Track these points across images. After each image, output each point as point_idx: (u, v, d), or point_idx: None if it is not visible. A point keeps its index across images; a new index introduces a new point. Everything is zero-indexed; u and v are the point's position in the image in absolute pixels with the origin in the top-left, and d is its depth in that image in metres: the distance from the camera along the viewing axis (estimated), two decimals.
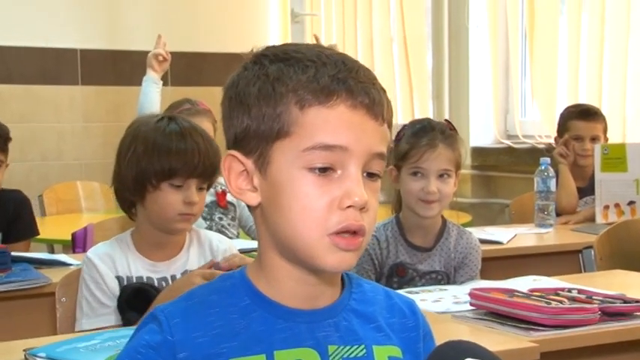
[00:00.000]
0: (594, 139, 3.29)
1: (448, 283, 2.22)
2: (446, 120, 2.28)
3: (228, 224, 3.05)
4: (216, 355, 0.98)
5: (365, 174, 0.98)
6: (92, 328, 1.81)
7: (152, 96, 3.70)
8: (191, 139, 1.84)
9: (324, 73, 0.97)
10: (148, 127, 1.86)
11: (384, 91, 1.01)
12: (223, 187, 3.05)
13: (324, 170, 0.96)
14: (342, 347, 1.01)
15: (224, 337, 0.99)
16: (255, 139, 0.98)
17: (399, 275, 2.21)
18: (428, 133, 2.15)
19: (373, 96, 0.98)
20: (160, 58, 3.70)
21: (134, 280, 1.87)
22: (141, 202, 1.86)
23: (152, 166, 1.81)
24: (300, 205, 0.96)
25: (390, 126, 1.01)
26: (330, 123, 0.96)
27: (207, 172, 1.85)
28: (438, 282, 2.21)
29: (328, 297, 1.03)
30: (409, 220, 2.22)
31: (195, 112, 2.98)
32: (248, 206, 1.03)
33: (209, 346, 0.98)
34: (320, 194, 0.96)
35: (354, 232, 0.96)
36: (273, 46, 1.03)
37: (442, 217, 2.25)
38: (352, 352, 1.02)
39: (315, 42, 3.96)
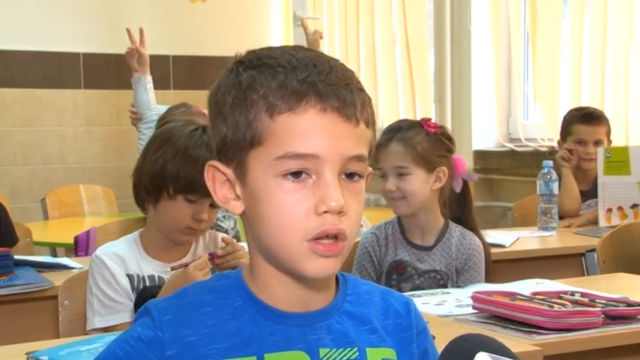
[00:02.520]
0: (597, 143, 3.28)
1: (447, 283, 2.21)
2: (422, 118, 2.26)
3: (224, 216, 3.06)
4: (205, 355, 0.98)
5: (343, 176, 0.97)
6: (105, 326, 1.82)
7: (140, 97, 3.76)
8: None
9: (293, 78, 0.96)
10: (182, 134, 1.86)
11: (362, 91, 0.99)
12: None
13: (297, 175, 0.95)
14: (334, 350, 1.01)
15: (215, 337, 0.99)
16: (233, 149, 0.98)
17: (398, 272, 2.22)
18: (385, 134, 2.19)
19: (344, 98, 0.96)
20: (135, 53, 3.75)
21: (146, 279, 1.87)
22: (154, 204, 1.88)
23: (176, 173, 1.82)
24: (277, 213, 0.96)
25: (369, 125, 0.99)
26: (299, 131, 0.95)
27: None
28: (437, 281, 2.20)
29: (321, 300, 1.03)
30: (406, 219, 2.24)
31: (190, 114, 2.99)
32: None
33: (199, 346, 0.98)
34: (296, 201, 0.95)
35: (335, 237, 0.95)
36: (252, 52, 1.02)
37: (445, 218, 2.24)
38: (345, 354, 1.01)
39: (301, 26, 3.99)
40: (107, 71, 5.07)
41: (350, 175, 0.98)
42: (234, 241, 1.91)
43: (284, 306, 1.01)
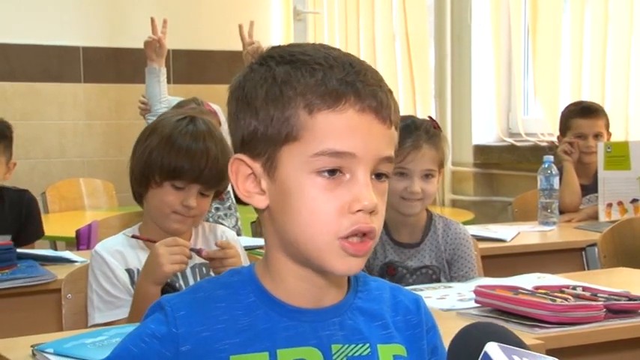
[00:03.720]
0: (597, 136, 3.30)
1: (440, 277, 2.20)
2: (430, 117, 2.26)
3: (225, 214, 3.07)
4: (218, 350, 0.98)
5: (372, 176, 0.98)
6: (106, 322, 1.82)
7: (152, 88, 3.74)
8: (204, 143, 1.84)
9: (332, 77, 0.96)
10: (168, 123, 1.88)
11: (391, 93, 1.01)
12: None
13: (332, 173, 0.96)
14: (346, 346, 1.01)
15: (227, 332, 0.99)
16: (263, 143, 0.98)
17: (390, 274, 2.19)
18: (412, 133, 2.13)
19: (381, 99, 0.97)
20: (157, 45, 3.73)
21: None
22: (145, 195, 1.89)
23: (160, 161, 1.83)
24: (310, 209, 0.96)
25: (397, 128, 1.01)
26: (338, 129, 0.95)
27: (212, 179, 1.85)
28: (430, 277, 2.19)
29: (334, 296, 1.04)
30: (394, 218, 2.19)
31: (199, 112, 3.00)
32: (255, 208, 1.03)
33: (212, 341, 0.99)
34: (329, 198, 0.96)
35: (364, 235, 0.96)
36: (279, 47, 1.02)
37: (427, 211, 2.23)
38: (356, 351, 1.02)
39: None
40: (107, 65, 5.06)
41: (378, 176, 0.99)
42: (230, 245, 1.86)
43: (297, 302, 1.01)
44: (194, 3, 5.24)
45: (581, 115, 3.34)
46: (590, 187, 3.30)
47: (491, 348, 0.86)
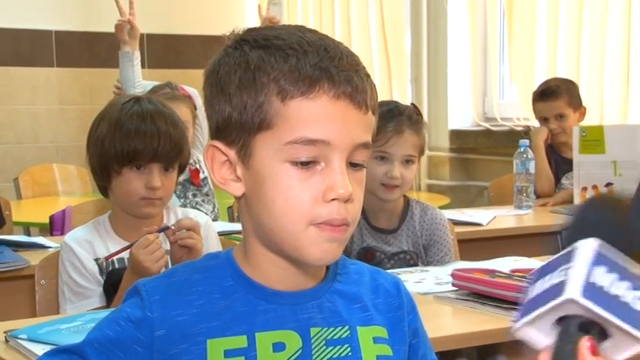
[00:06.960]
0: (560, 117, 3.33)
1: (417, 262, 2.20)
2: (412, 104, 2.26)
3: (203, 200, 3.06)
4: (195, 334, 0.97)
5: (349, 164, 0.97)
6: (77, 313, 1.80)
7: (126, 72, 3.69)
8: (151, 122, 1.82)
9: (306, 62, 0.94)
10: (114, 108, 1.86)
11: (369, 77, 0.99)
12: (195, 165, 3.06)
13: (306, 164, 0.95)
14: (325, 329, 1.01)
15: (204, 316, 0.98)
16: (237, 130, 0.97)
17: (368, 259, 2.19)
18: (395, 118, 2.12)
19: (356, 84, 0.96)
20: (128, 27, 3.68)
21: (114, 262, 1.86)
22: (109, 186, 1.87)
23: (114, 148, 1.81)
24: (284, 199, 0.95)
25: (374, 112, 0.99)
26: (312, 116, 0.94)
27: (169, 154, 1.83)
28: (407, 262, 2.19)
29: (312, 280, 1.03)
30: (371, 203, 2.17)
31: (173, 96, 2.97)
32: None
33: (188, 325, 0.98)
34: (303, 187, 0.94)
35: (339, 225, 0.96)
36: (255, 30, 1.00)
37: (404, 196, 2.23)
38: (335, 333, 1.01)
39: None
40: (80, 49, 5.01)
41: (354, 165, 0.97)
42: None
43: (276, 286, 1.01)
44: None
45: (540, 98, 3.38)
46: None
47: (587, 247, 0.66)
